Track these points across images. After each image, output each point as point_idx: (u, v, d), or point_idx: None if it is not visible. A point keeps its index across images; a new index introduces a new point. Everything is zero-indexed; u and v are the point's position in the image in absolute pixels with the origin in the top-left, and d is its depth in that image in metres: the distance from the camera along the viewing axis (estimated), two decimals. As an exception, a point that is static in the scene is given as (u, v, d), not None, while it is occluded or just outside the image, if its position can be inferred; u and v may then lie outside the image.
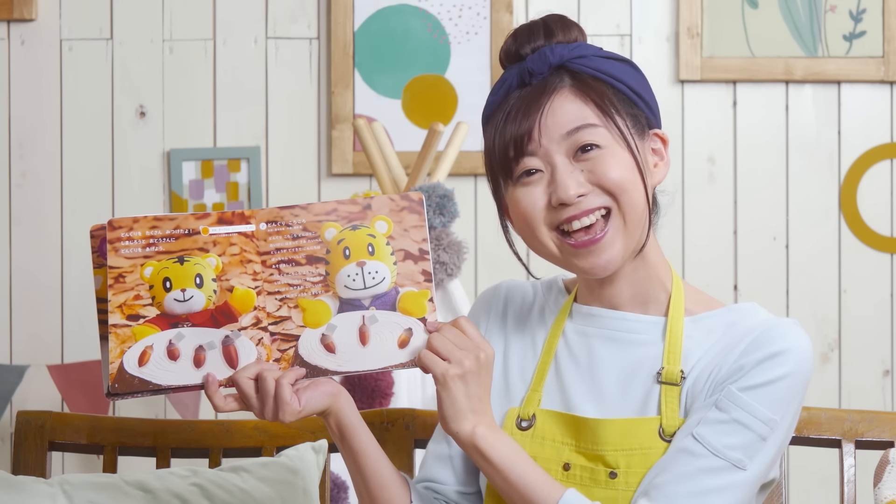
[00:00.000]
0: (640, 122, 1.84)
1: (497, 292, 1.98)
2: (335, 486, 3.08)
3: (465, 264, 3.50)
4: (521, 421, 1.86)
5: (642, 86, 1.86)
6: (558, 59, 1.82)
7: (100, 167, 3.63)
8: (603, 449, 1.81)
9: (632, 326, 1.86)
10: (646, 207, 1.81)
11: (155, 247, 1.77)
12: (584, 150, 1.79)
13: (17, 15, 3.59)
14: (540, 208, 1.81)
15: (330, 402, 1.80)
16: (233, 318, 1.76)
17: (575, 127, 1.79)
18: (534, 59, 1.83)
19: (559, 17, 1.87)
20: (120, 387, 1.74)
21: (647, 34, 3.64)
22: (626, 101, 1.83)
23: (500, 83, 1.86)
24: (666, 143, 1.88)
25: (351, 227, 1.79)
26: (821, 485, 3.53)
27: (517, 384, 1.90)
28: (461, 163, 3.56)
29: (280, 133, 3.64)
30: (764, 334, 1.79)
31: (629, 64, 1.86)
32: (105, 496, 2.19)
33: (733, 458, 1.76)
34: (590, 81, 1.82)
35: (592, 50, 1.85)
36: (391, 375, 3.12)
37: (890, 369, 3.65)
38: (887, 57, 3.62)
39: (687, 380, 1.82)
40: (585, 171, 1.79)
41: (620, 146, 1.80)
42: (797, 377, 1.79)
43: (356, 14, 3.62)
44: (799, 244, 3.66)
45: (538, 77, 1.83)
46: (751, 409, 1.77)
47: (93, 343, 3.60)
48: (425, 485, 1.95)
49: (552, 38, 1.85)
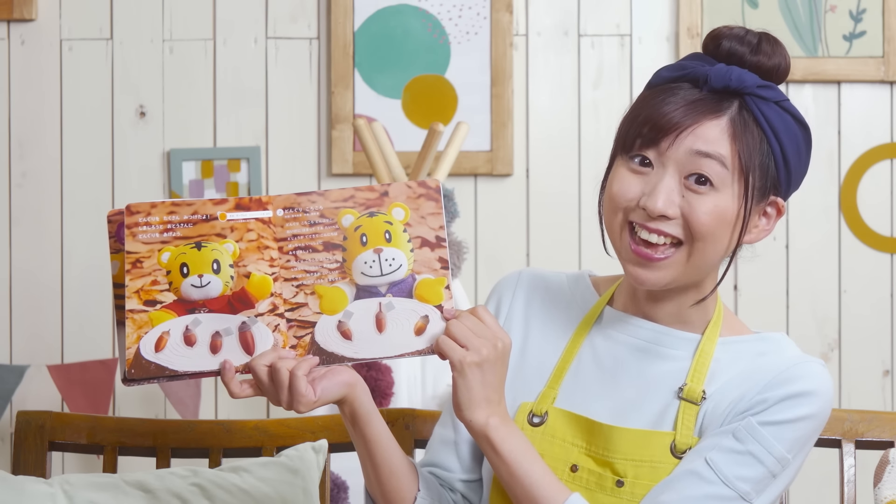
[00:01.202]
0: (767, 184, 1.81)
1: (521, 278, 1.97)
2: (335, 486, 3.08)
3: (465, 264, 3.50)
4: (534, 416, 1.86)
5: (797, 154, 1.82)
6: (738, 86, 1.78)
7: (100, 167, 3.63)
8: (613, 456, 1.80)
9: (664, 340, 1.85)
10: (719, 261, 1.81)
11: (172, 232, 1.77)
12: (697, 181, 1.77)
13: (17, 15, 3.58)
14: (628, 198, 1.79)
15: (346, 391, 1.79)
16: (249, 304, 1.76)
17: (705, 151, 1.77)
18: (719, 73, 1.79)
19: (773, 38, 1.83)
20: (136, 372, 1.73)
21: (647, 34, 3.64)
22: (770, 159, 1.80)
23: (682, 67, 1.82)
24: (781, 214, 1.85)
25: (368, 214, 1.79)
26: (821, 485, 3.53)
27: (533, 378, 1.90)
28: (461, 163, 3.56)
29: (280, 133, 3.64)
30: (791, 371, 1.79)
31: (802, 128, 1.83)
32: (105, 496, 2.19)
33: (742, 490, 1.76)
34: (751, 125, 1.79)
35: (778, 97, 1.81)
36: (391, 375, 3.12)
37: (890, 369, 3.65)
38: (887, 57, 3.62)
39: (707, 401, 1.81)
40: (685, 200, 1.78)
41: (732, 196, 1.78)
42: (816, 421, 1.79)
43: (356, 14, 3.62)
44: (799, 244, 3.66)
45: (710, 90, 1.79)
46: (767, 445, 1.77)
47: (93, 343, 3.60)
48: (430, 469, 1.95)
49: (757, 53, 1.81)
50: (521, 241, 3.64)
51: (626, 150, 1.81)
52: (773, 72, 1.82)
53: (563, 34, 3.63)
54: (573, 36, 3.63)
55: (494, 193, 3.58)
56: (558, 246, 3.58)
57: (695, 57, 1.84)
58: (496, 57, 3.60)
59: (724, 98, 1.79)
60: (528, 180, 3.60)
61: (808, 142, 1.83)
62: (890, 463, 2.14)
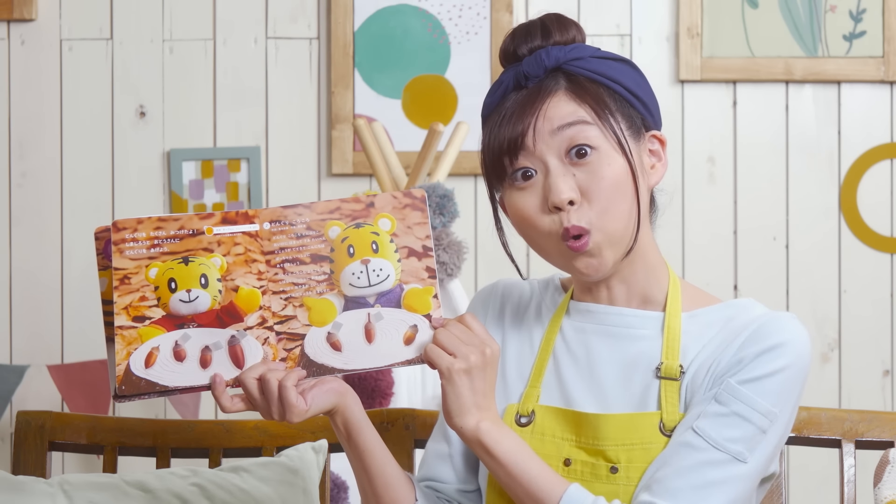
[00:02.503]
0: (636, 124, 1.84)
1: (494, 290, 1.99)
2: (335, 486, 3.08)
3: (465, 264, 3.50)
4: (520, 417, 1.87)
5: (640, 86, 1.85)
6: (554, 62, 1.82)
7: (100, 167, 3.63)
8: (604, 444, 1.81)
9: (629, 322, 1.86)
10: (632, 215, 1.81)
11: (160, 248, 1.77)
12: (578, 155, 1.79)
13: (17, 15, 3.59)
14: (536, 212, 1.81)
15: (337, 400, 1.80)
16: (238, 317, 1.76)
17: (567, 122, 1.79)
18: (530, 61, 1.83)
19: (556, 17, 1.87)
20: (127, 388, 1.74)
21: (647, 34, 3.64)
22: (622, 101, 1.83)
23: (496, 84, 1.86)
24: (664, 143, 1.87)
25: (354, 225, 1.79)
26: (821, 485, 3.53)
27: (514, 381, 1.91)
28: (461, 163, 3.56)
29: (280, 133, 3.64)
30: (762, 327, 1.80)
31: (627, 64, 1.86)
32: (105, 496, 2.19)
33: (734, 451, 1.77)
34: (585, 83, 1.82)
35: (589, 51, 1.84)
36: (391, 375, 3.12)
37: (890, 369, 3.65)
38: (887, 57, 3.62)
39: (686, 374, 1.82)
40: (578, 178, 1.79)
41: (614, 148, 1.80)
42: (796, 369, 1.80)
43: (356, 14, 3.62)
44: (799, 244, 3.66)
45: (534, 80, 1.82)
46: (750, 402, 1.77)
47: (93, 343, 3.60)
48: (427, 483, 1.95)
49: (549, 38, 1.85)
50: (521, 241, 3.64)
51: (502, 177, 1.83)
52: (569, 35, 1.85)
53: (563, 34, 3.63)
54: (573, 36, 3.63)
55: (494, 193, 3.58)
56: (558, 246, 3.58)
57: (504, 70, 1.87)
58: (496, 57, 3.59)
59: (547, 80, 1.82)
60: (528, 180, 3.59)
61: (640, 72, 1.86)
62: (890, 463, 2.14)
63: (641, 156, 1.84)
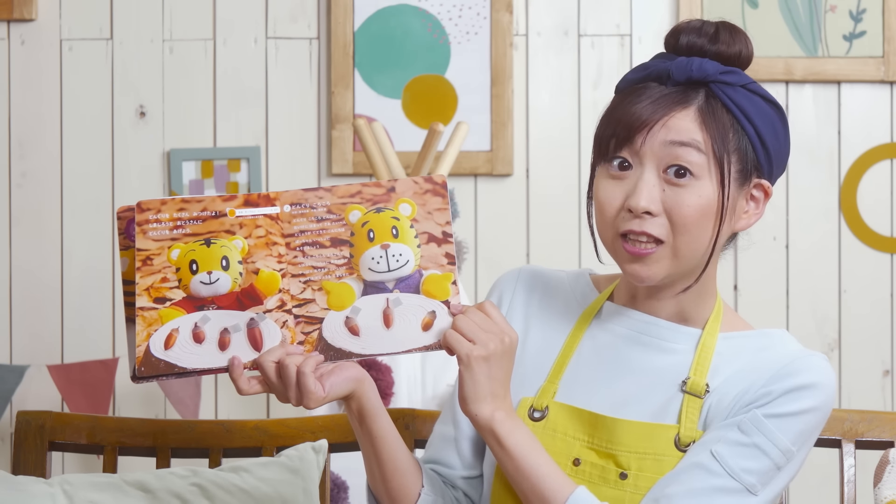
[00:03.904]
0: (748, 167, 1.82)
1: (521, 275, 1.98)
2: (335, 486, 3.08)
3: (465, 264, 3.50)
4: (534, 411, 1.87)
5: (774, 134, 1.83)
6: (701, 75, 1.80)
7: (100, 167, 3.63)
8: (617, 448, 1.81)
9: (664, 334, 1.86)
10: (707, 250, 1.81)
11: (182, 229, 1.77)
12: (677, 175, 1.78)
13: (17, 15, 3.58)
14: (614, 205, 1.81)
15: (354, 386, 1.80)
16: (258, 300, 1.76)
17: (680, 141, 1.78)
18: (681, 64, 1.81)
19: (731, 27, 1.85)
20: (146, 370, 1.74)
21: (647, 34, 3.64)
22: (745, 141, 1.81)
23: (644, 66, 1.85)
24: (768, 196, 1.86)
25: (375, 210, 1.79)
26: (821, 485, 3.53)
27: (532, 373, 1.90)
28: (461, 163, 3.56)
29: (280, 133, 3.64)
30: (795, 364, 1.80)
31: (774, 107, 1.84)
32: (105, 496, 2.19)
33: (748, 483, 1.77)
34: (719, 111, 1.80)
35: (742, 80, 1.83)
36: (391, 375, 3.12)
37: (890, 369, 3.65)
38: (887, 57, 3.62)
39: (711, 394, 1.82)
40: (667, 194, 1.79)
41: (713, 185, 1.79)
42: (820, 414, 1.80)
43: (356, 14, 3.62)
44: (799, 244, 3.66)
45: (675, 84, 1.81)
46: (772, 437, 1.77)
47: (93, 343, 3.60)
48: (432, 467, 1.96)
49: (715, 43, 1.83)
50: (521, 241, 3.64)
51: (604, 156, 1.83)
52: (735, 59, 1.84)
53: (563, 34, 3.63)
54: (573, 36, 3.63)
55: (494, 193, 3.58)
56: (558, 246, 3.58)
57: (658, 56, 1.87)
58: (496, 57, 3.60)
59: (689, 90, 1.81)
60: (528, 180, 3.60)
61: (782, 120, 1.85)
62: (890, 463, 2.14)
63: (739, 198, 1.83)
